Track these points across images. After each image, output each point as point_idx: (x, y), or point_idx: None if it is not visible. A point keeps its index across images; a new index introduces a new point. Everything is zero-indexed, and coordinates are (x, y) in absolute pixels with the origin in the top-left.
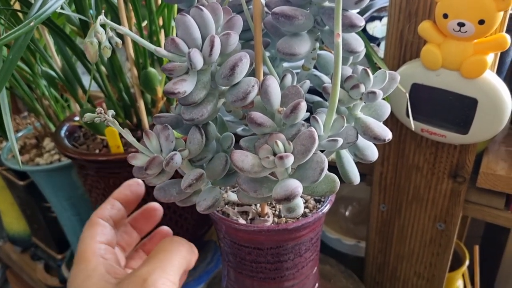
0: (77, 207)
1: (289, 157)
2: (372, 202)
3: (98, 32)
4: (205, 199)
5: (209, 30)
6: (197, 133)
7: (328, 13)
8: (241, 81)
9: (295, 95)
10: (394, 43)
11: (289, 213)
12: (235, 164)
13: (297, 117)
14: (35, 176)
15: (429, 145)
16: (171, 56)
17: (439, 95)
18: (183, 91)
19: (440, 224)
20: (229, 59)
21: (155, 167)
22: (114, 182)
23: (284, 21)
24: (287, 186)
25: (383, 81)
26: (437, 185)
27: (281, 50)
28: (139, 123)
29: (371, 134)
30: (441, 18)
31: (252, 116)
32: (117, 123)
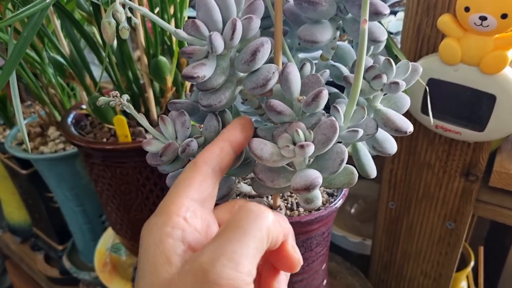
0: (80, 198)
1: (310, 146)
2: (381, 199)
3: (117, 11)
4: (220, 188)
5: (230, 13)
6: (214, 120)
7: (352, 0)
8: (261, 68)
9: (315, 84)
10: (411, 37)
11: (307, 204)
12: (254, 153)
13: (318, 106)
14: (39, 165)
15: (442, 142)
16: (190, 39)
17: (456, 90)
18: (203, 76)
19: (449, 223)
20: (250, 44)
21: (170, 154)
22: (121, 172)
23: (307, 7)
24: (307, 176)
25: (405, 72)
26: (448, 183)
27: (303, 37)
28: (147, 113)
29: (392, 126)
30: (463, 12)
31: (271, 103)
32: (131, 107)
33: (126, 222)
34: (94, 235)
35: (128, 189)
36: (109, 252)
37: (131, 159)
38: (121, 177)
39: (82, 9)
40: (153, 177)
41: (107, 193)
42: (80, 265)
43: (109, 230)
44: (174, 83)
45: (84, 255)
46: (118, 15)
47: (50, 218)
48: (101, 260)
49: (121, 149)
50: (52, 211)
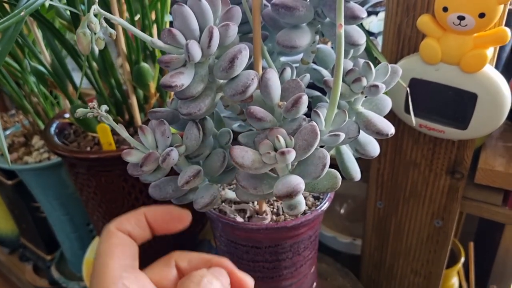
0: (67, 207)
1: (291, 152)
2: (369, 199)
3: (91, 22)
4: (203, 196)
5: (207, 21)
6: (194, 128)
7: (330, 5)
8: (240, 74)
9: (295, 89)
10: (392, 37)
11: (291, 211)
12: (235, 160)
13: (298, 111)
14: (24, 175)
15: (426, 141)
16: (167, 48)
17: (438, 90)
18: (181, 84)
19: (437, 221)
20: (228, 51)
21: (151, 164)
22: (106, 180)
23: (284, 12)
24: (289, 182)
25: (385, 75)
26: (434, 182)
27: (281, 42)
28: (131, 120)
29: (374, 128)
30: (441, 12)
31: (251, 110)
32: (110, 118)
33: None
34: (82, 244)
35: (113, 197)
36: None
37: (116, 167)
38: (106, 186)
39: (62, 17)
40: (139, 185)
41: (93, 202)
42: (69, 275)
43: (97, 239)
44: (158, 89)
45: (72, 264)
46: (93, 26)
47: (38, 228)
48: (90, 269)
49: (106, 158)
50: (39, 221)
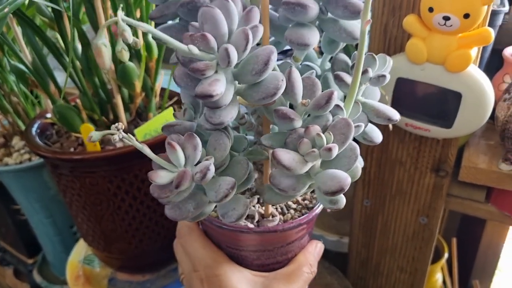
0: (49, 209)
1: (335, 147)
2: (356, 197)
3: (125, 30)
4: (234, 208)
5: (233, 24)
6: (224, 138)
7: (335, 1)
8: (267, 77)
9: (313, 86)
10: (378, 37)
11: (333, 205)
12: (282, 163)
13: (330, 107)
14: (4, 177)
15: (412, 139)
16: (200, 54)
17: (423, 89)
18: (220, 92)
19: (422, 218)
20: (259, 53)
21: (187, 182)
22: (90, 182)
23: (300, 10)
24: (338, 178)
25: (384, 64)
26: (420, 179)
27: (295, 41)
28: (116, 120)
29: (384, 116)
30: (426, 12)
31: (284, 111)
32: (134, 139)
33: (99, 233)
34: (65, 247)
35: (98, 199)
36: (82, 264)
37: (101, 168)
38: (90, 187)
39: (43, 14)
40: (124, 186)
41: (77, 204)
42: (52, 279)
43: (81, 242)
44: (143, 88)
45: (55, 268)
46: (126, 35)
47: (18, 231)
48: (74, 273)
49: (90, 159)
50: (20, 224)
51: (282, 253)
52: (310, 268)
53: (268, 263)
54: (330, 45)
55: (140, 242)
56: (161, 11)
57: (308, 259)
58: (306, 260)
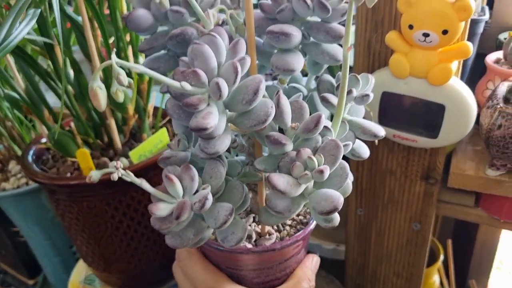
0: (48, 231)
1: (327, 169)
2: (349, 207)
3: (120, 74)
4: (233, 232)
5: (221, 57)
6: (220, 166)
7: (317, 27)
8: (258, 104)
9: (301, 109)
10: (363, 52)
11: (328, 223)
12: (278, 188)
13: (318, 130)
14: (2, 202)
15: (401, 149)
16: (192, 90)
17: (408, 102)
18: (214, 125)
19: (415, 225)
20: (248, 83)
21: (187, 213)
22: (88, 206)
23: (284, 39)
24: (331, 198)
25: (367, 84)
26: (410, 187)
27: (280, 67)
28: (110, 142)
29: (371, 133)
30: (407, 29)
31: (275, 137)
32: (132, 175)
33: (98, 254)
34: (65, 267)
35: (96, 222)
36: (83, 285)
37: (98, 192)
38: (88, 211)
39: (34, 43)
40: (122, 208)
41: (75, 227)
42: None
43: (81, 262)
44: (136, 110)
45: None
46: (121, 78)
47: (18, 253)
48: None
49: (87, 184)
50: (19, 246)
51: (280, 270)
52: (309, 282)
53: (267, 280)
54: (314, 66)
55: (139, 262)
56: (150, 43)
57: (306, 274)
58: (304, 274)
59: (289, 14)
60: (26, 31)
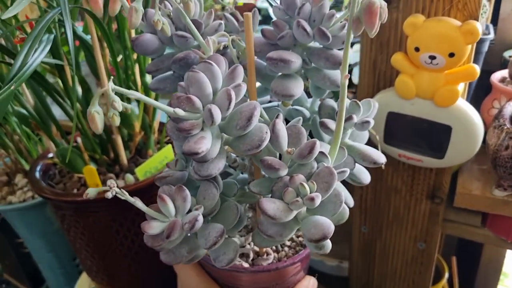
0: (52, 244)
1: (318, 197)
2: (353, 224)
3: (115, 101)
4: (225, 253)
5: (218, 83)
6: (213, 188)
7: (317, 53)
8: (252, 129)
9: (299, 134)
10: (368, 72)
11: (319, 250)
12: (268, 213)
13: (313, 157)
14: (8, 215)
15: (406, 168)
16: (186, 115)
17: (414, 122)
18: (206, 149)
19: (420, 244)
20: (242, 109)
21: (177, 232)
22: (93, 221)
23: (283, 65)
24: (321, 225)
25: (369, 110)
26: (416, 206)
27: (280, 92)
28: (116, 158)
29: (370, 159)
30: (413, 51)
31: (269, 162)
32: (127, 194)
33: (102, 269)
34: (68, 279)
35: (102, 237)
36: None
37: (103, 208)
38: (94, 226)
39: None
40: (127, 223)
41: (81, 242)
42: None
43: (84, 274)
44: (142, 127)
45: None
46: (116, 105)
47: (21, 264)
48: None
49: (93, 200)
50: (23, 257)
51: None
52: None
53: None
54: (317, 90)
55: (143, 277)
56: (157, 65)
57: None
58: None
59: (289, 41)
60: (41, 58)
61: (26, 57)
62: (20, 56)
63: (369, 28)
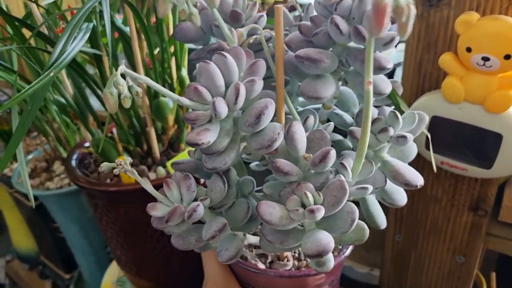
0: (86, 231)
1: (320, 210)
2: (387, 232)
3: (119, 83)
4: (227, 248)
5: (232, 76)
6: (219, 182)
7: (354, 54)
8: (266, 128)
9: (321, 140)
10: (412, 73)
11: (319, 267)
12: (263, 218)
13: (326, 166)
14: (45, 200)
15: (448, 176)
16: (193, 105)
17: (460, 128)
18: (207, 142)
19: (459, 257)
20: (254, 106)
21: (176, 219)
22: (125, 212)
23: (309, 64)
24: (319, 241)
25: (411, 124)
26: (456, 218)
27: (306, 93)
28: (149, 150)
29: (402, 180)
30: (464, 52)
31: (278, 164)
32: (135, 173)
33: (131, 259)
34: (100, 266)
35: (132, 228)
36: (115, 285)
37: (135, 199)
38: (125, 217)
39: (84, 52)
40: None
41: (111, 231)
42: None
43: (115, 263)
44: (175, 121)
45: (90, 285)
46: (120, 88)
47: (57, 247)
48: None
49: (125, 191)
50: (59, 241)
51: None
52: None
53: None
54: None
55: (170, 271)
56: (199, 54)
57: None
58: None
59: (324, 38)
60: (80, 46)
61: (66, 44)
62: (59, 43)
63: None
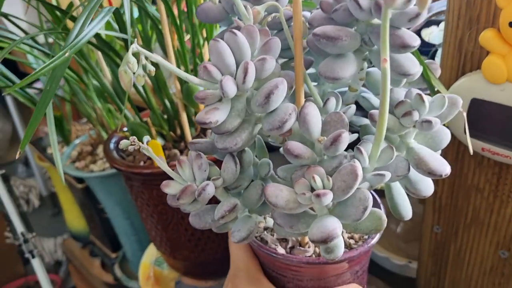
0: (128, 211)
1: (327, 195)
2: (425, 223)
3: (129, 61)
4: (239, 230)
5: (243, 55)
6: (231, 162)
7: (377, 32)
8: (278, 108)
9: (337, 123)
10: (452, 52)
11: (327, 254)
12: (268, 200)
13: (337, 150)
14: (90, 181)
15: (491, 164)
16: (203, 83)
17: (503, 112)
18: (215, 121)
19: (503, 252)
20: (264, 86)
21: (187, 197)
22: (157, 193)
23: (326, 42)
24: (324, 226)
25: (441, 108)
26: (500, 209)
27: (323, 73)
28: (182, 135)
29: (425, 168)
30: (507, 27)
31: (288, 147)
32: (151, 150)
33: (165, 239)
34: (141, 246)
35: (164, 209)
36: (153, 266)
37: None
38: (157, 198)
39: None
40: None
41: (146, 212)
42: (130, 274)
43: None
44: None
45: (133, 264)
46: (130, 66)
47: (104, 227)
48: (145, 274)
49: (157, 173)
50: (105, 221)
51: (313, 286)
52: None
53: None
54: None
55: (202, 251)
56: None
57: None
58: None
59: (344, 15)
60: (98, 28)
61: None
62: (77, 24)
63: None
